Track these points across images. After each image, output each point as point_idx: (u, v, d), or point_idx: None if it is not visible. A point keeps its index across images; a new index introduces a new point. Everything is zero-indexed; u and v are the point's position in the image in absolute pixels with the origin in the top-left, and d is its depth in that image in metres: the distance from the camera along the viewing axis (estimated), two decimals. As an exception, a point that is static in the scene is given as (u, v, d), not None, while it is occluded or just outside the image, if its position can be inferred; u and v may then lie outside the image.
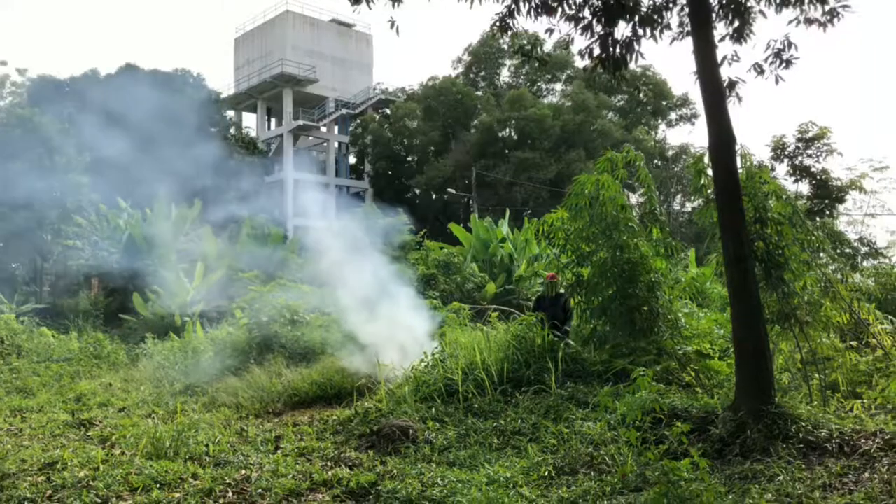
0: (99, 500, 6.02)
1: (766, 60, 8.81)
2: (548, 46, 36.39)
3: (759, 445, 6.21)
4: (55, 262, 21.63)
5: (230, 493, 6.35)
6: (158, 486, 6.39)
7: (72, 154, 22.58)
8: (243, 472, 6.92)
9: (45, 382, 13.20)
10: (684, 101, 50.01)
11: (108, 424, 9.52)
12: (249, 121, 54.20)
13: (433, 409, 8.78)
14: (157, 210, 23.07)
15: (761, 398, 6.70)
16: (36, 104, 27.01)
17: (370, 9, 9.05)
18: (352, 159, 54.21)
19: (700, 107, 49.47)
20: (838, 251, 11.65)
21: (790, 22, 8.75)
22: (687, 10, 8.55)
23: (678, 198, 47.78)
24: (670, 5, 8.84)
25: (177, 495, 6.16)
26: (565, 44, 9.38)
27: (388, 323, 12.70)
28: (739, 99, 8.39)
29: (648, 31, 8.74)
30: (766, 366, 6.99)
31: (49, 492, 6.28)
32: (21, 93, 33.31)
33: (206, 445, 7.82)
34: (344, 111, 50.30)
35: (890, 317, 11.45)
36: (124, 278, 20.71)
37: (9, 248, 20.23)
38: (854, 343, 9.86)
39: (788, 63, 8.81)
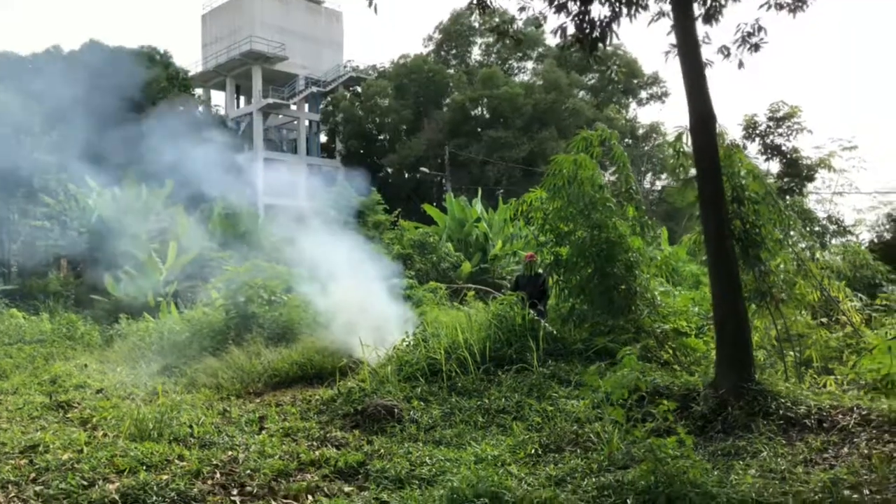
0: (85, 482, 5.95)
1: (734, 43, 8.92)
2: (518, 24, 36.28)
3: (740, 422, 6.36)
4: (23, 243, 21.15)
5: (218, 475, 6.34)
6: (145, 467, 6.34)
7: (37, 132, 22.03)
8: (230, 452, 6.91)
9: (19, 364, 12.99)
10: (654, 80, 50.32)
11: (87, 406, 9.40)
12: (218, 99, 53.35)
13: (417, 389, 8.83)
14: (127, 190, 22.67)
15: (741, 375, 6.85)
16: (-2, 80, 26.27)
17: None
18: (323, 138, 53.70)
19: (670, 85, 49.83)
20: (808, 229, 11.89)
21: (761, 6, 8.86)
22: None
23: (648, 176, 48.19)
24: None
25: (165, 477, 6.12)
26: (538, 22, 9.38)
27: (366, 302, 12.71)
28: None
29: (625, 10, 8.77)
30: (746, 343, 7.15)
31: (33, 474, 6.20)
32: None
33: (190, 426, 7.78)
34: (314, 89, 49.70)
35: (859, 294, 11.77)
36: (95, 259, 20.36)
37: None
38: (825, 320, 10.12)
39: (757, 47, 8.93)
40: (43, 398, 10.02)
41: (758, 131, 17.50)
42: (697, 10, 8.82)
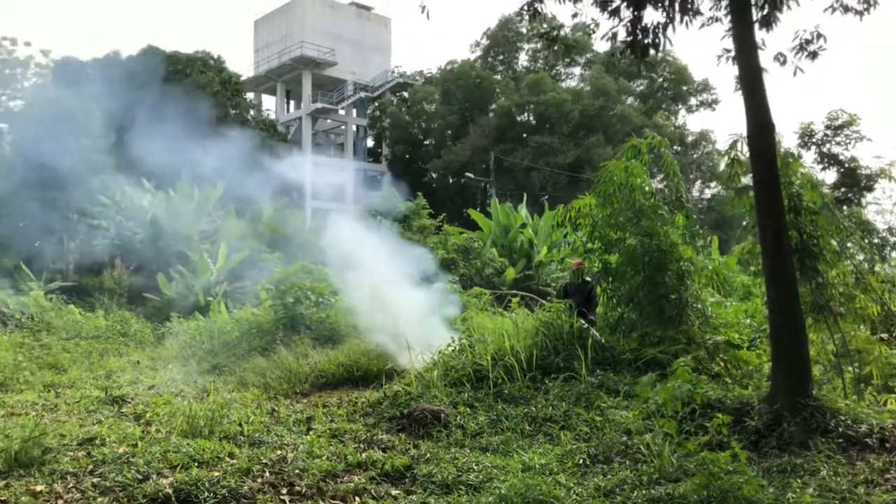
0: (140, 476, 6.09)
1: (791, 50, 8.71)
2: (566, 31, 36.09)
3: (796, 439, 6.19)
4: (80, 242, 21.80)
5: (267, 473, 6.42)
6: (197, 464, 6.45)
7: (97, 135, 22.70)
8: (279, 452, 7.00)
9: (75, 359, 13.38)
10: (705, 87, 49.59)
11: (140, 402, 9.63)
12: (269, 103, 54.26)
13: (463, 394, 8.81)
14: (181, 191, 23.20)
15: (798, 391, 6.67)
16: (60, 85, 27.17)
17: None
18: (369, 142, 54.18)
19: (721, 92, 49.20)
20: (867, 241, 11.50)
21: (826, 9, 8.64)
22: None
23: (697, 184, 47.44)
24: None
25: (216, 474, 6.22)
26: (590, 29, 9.35)
27: (411, 306, 12.75)
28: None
29: (679, 16, 8.66)
30: (803, 358, 6.95)
31: (90, 466, 6.37)
32: (45, 74, 33.47)
33: (240, 425, 7.91)
34: (362, 94, 50.19)
35: (921, 309, 11.35)
36: (148, 258, 20.88)
37: (36, 227, 20.40)
38: (885, 336, 9.79)
39: (815, 55, 8.70)
40: (98, 392, 10.30)
41: (814, 140, 17.02)
42: (754, 14, 8.68)
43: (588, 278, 11.82)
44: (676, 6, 8.37)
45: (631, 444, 6.64)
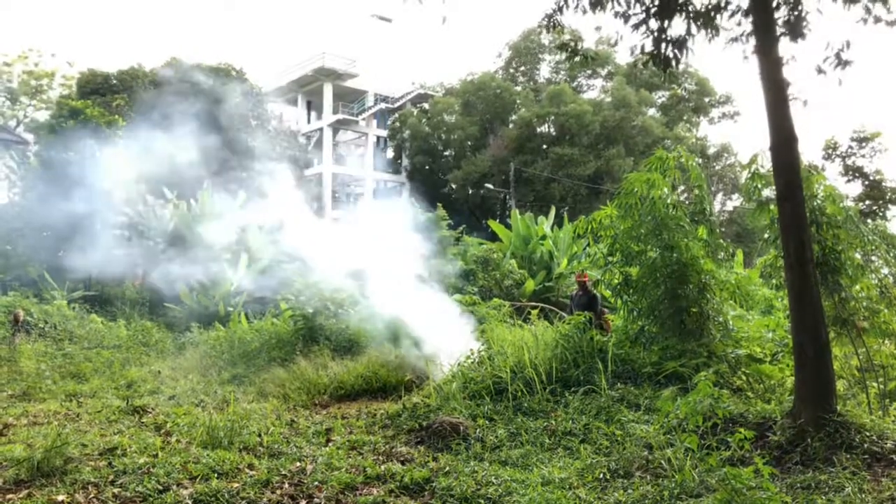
0: (160, 487, 6.13)
1: (825, 61, 8.64)
2: (589, 42, 36.13)
3: (820, 454, 6.09)
4: (103, 251, 22.04)
5: (287, 485, 6.43)
6: (217, 475, 6.49)
7: (120, 145, 22.98)
8: (298, 463, 7.01)
9: (97, 368, 13.52)
10: (726, 99, 49.30)
11: (160, 412, 9.70)
12: (291, 114, 54.69)
13: (483, 407, 8.78)
14: (202, 201, 23.40)
15: (822, 405, 6.56)
16: (84, 96, 27.59)
17: (421, 3, 9.17)
18: (389, 153, 54.42)
19: (742, 104, 48.91)
20: (892, 255, 11.32)
21: (858, 21, 8.57)
22: (743, 14, 8.48)
23: (719, 196, 47.10)
24: (724, 7, 8.71)
25: (235, 485, 6.24)
26: (611, 41, 9.37)
27: (430, 317, 12.75)
28: (804, 102, 8.21)
29: (704, 29, 8.65)
30: (827, 372, 6.85)
31: (111, 477, 6.42)
32: (70, 85, 34.01)
33: (260, 436, 7.94)
34: (383, 106, 50.48)
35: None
36: (169, 268, 21.06)
37: (59, 236, 20.67)
38: (910, 351, 9.62)
39: (847, 64, 8.63)
40: (120, 402, 10.39)
41: (838, 152, 16.88)
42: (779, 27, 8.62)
43: (592, 290, 11.92)
44: (700, 21, 8.34)
45: (652, 459, 6.57)
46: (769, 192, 9.16)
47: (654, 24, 8.48)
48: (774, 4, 8.31)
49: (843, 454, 6.01)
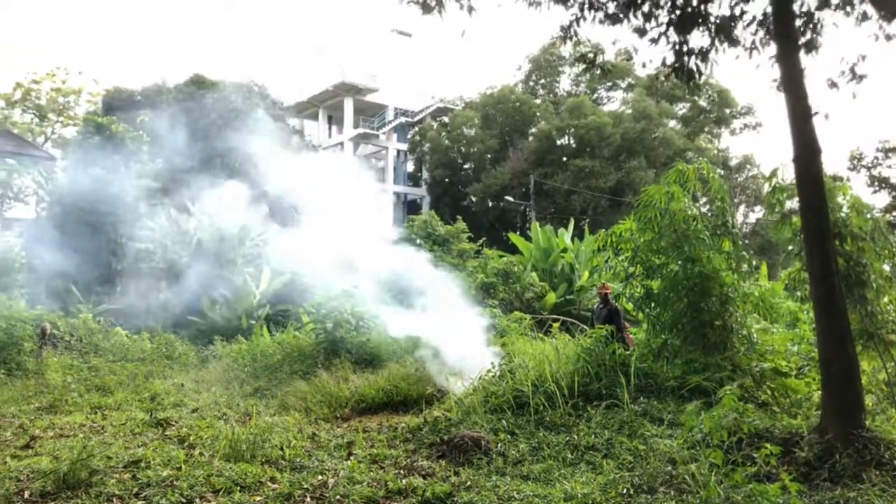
0: (184, 500, 6.17)
1: (840, 75, 8.60)
2: (609, 55, 36.08)
3: (849, 471, 5.99)
4: (128, 264, 22.34)
5: (309, 499, 6.44)
6: (239, 488, 6.52)
7: (144, 160, 23.33)
8: (320, 477, 7.02)
9: (122, 381, 13.65)
10: (748, 110, 49.02)
11: (184, 424, 9.76)
12: (312, 129, 55.15)
13: (504, 421, 8.73)
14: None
15: (850, 421, 6.46)
16: (110, 112, 28.05)
17: (442, 18, 9.21)
18: (410, 167, 54.67)
19: (764, 115, 48.58)
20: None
21: (870, 36, 8.53)
22: (769, 20, 8.44)
23: (742, 208, 46.70)
24: (739, 17, 8.69)
25: (258, 498, 6.27)
26: (626, 55, 9.39)
27: (451, 330, 12.74)
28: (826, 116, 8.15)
29: (726, 41, 8.63)
30: (855, 387, 6.74)
31: (135, 489, 6.47)
32: (96, 101, 34.60)
33: (282, 449, 7.96)
34: (403, 119, 50.78)
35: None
36: (193, 281, 21.27)
37: (86, 249, 20.96)
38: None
39: (861, 78, 8.58)
40: (143, 415, 10.48)
41: (863, 163, 16.69)
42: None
43: (613, 302, 11.86)
44: (714, 29, 8.33)
45: (676, 474, 6.48)
46: (792, 204, 9.08)
47: (674, 36, 8.49)
48: (793, 15, 8.29)
49: (873, 471, 5.91)
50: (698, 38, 8.56)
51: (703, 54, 8.60)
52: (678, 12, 8.42)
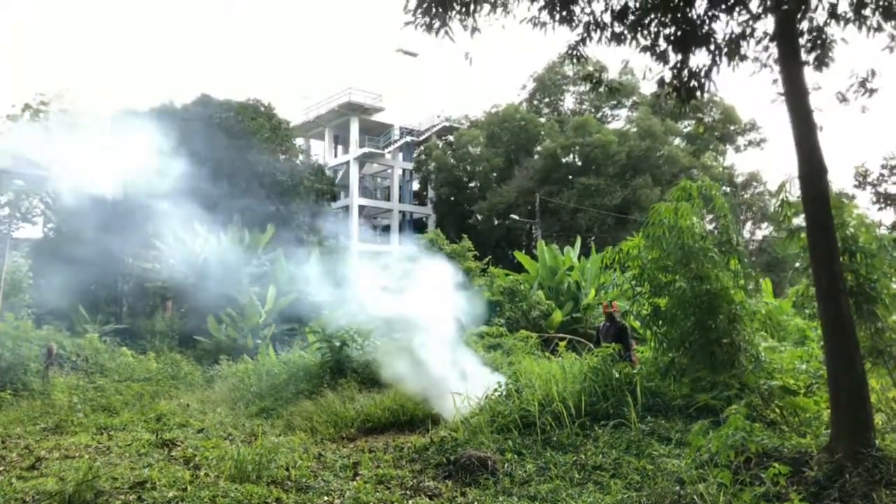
0: (189, 522, 6.15)
1: (849, 89, 8.60)
2: (613, 73, 36.24)
3: (859, 491, 5.91)
4: (134, 284, 22.41)
5: (314, 520, 6.40)
6: (245, 509, 6.49)
7: (152, 180, 23.43)
8: (325, 498, 6.99)
9: (127, 401, 13.64)
10: (752, 126, 49.11)
11: (189, 445, 9.73)
12: (317, 148, 55.45)
13: (510, 441, 8.68)
14: (231, 235, 23.71)
15: (860, 440, 6.40)
16: (118, 133, 28.21)
17: (453, 41, 9.26)
18: (415, 185, 54.83)
19: (769, 132, 48.66)
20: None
21: (884, 49, 8.54)
22: (769, 39, 8.46)
23: (748, 225, 46.63)
24: (749, 35, 8.71)
25: (263, 520, 6.24)
26: (632, 73, 9.41)
27: (457, 350, 12.71)
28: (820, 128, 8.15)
29: (726, 60, 8.64)
30: (865, 406, 6.68)
31: (141, 511, 6.46)
32: (104, 122, 34.84)
33: (287, 469, 7.93)
34: (408, 139, 51.02)
35: None
36: (199, 301, 21.31)
37: (92, 270, 21.05)
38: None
39: (872, 92, 8.58)
40: (149, 436, 10.45)
41: (869, 180, 16.66)
42: (804, 56, 8.59)
43: (620, 320, 11.83)
44: (724, 51, 8.34)
45: (684, 494, 6.43)
46: (799, 221, 9.06)
47: (673, 56, 8.51)
48: (798, 33, 8.31)
49: (883, 490, 5.85)
50: (699, 57, 8.58)
51: (705, 73, 8.60)
52: (679, 33, 8.45)
